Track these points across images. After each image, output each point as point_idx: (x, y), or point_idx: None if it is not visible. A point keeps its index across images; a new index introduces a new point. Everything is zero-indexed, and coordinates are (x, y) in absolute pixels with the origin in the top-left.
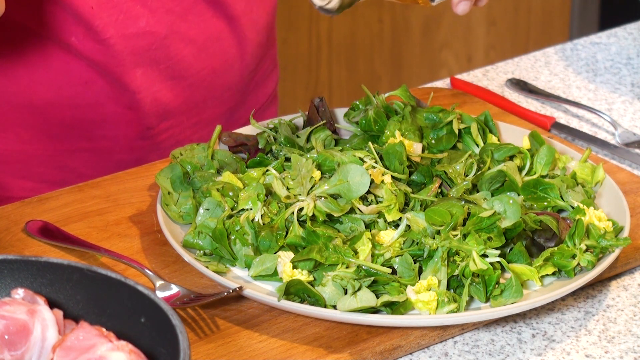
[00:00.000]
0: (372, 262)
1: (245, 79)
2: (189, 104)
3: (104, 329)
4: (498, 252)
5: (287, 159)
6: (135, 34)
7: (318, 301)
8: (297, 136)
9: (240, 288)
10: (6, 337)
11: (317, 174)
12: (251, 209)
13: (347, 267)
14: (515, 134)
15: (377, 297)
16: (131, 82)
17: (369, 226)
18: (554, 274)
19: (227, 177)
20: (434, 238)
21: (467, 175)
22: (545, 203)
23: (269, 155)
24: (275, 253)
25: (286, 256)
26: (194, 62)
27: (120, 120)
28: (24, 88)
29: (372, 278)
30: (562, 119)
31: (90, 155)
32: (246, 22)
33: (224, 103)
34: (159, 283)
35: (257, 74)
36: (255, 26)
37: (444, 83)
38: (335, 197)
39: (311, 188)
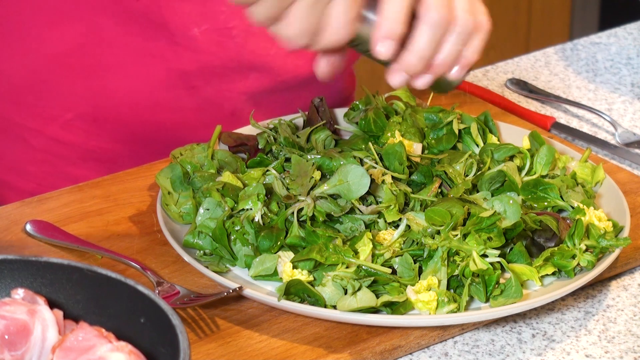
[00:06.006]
0: (372, 262)
1: None
2: None
3: (103, 330)
4: (498, 252)
5: (287, 159)
6: None
7: (318, 301)
8: (297, 136)
9: (240, 288)
10: (6, 337)
11: (317, 174)
12: (251, 209)
13: (347, 267)
14: (515, 134)
15: (377, 297)
16: None
17: (369, 226)
18: (554, 274)
19: (227, 177)
20: (434, 238)
21: (467, 175)
22: (545, 203)
23: (269, 155)
24: (275, 253)
25: (286, 256)
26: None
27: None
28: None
29: (372, 278)
30: (562, 119)
31: None
32: None
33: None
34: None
35: None
36: None
37: None
38: (335, 197)
39: (311, 188)
